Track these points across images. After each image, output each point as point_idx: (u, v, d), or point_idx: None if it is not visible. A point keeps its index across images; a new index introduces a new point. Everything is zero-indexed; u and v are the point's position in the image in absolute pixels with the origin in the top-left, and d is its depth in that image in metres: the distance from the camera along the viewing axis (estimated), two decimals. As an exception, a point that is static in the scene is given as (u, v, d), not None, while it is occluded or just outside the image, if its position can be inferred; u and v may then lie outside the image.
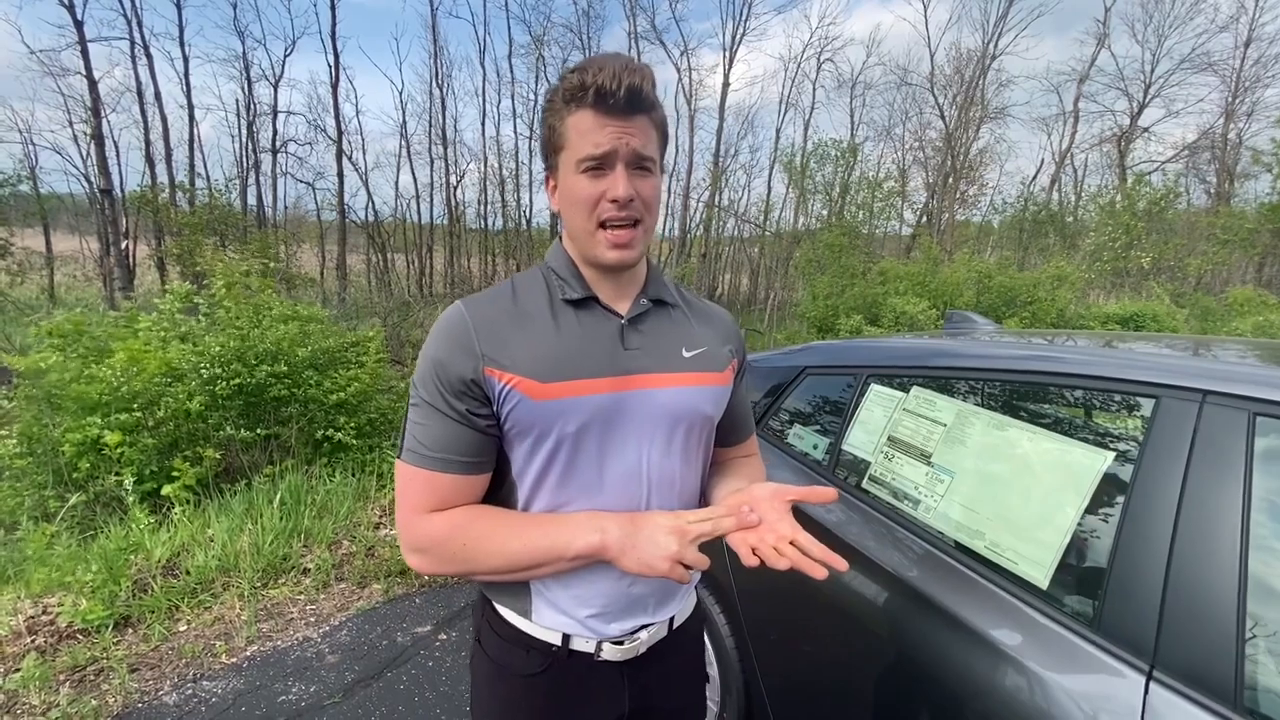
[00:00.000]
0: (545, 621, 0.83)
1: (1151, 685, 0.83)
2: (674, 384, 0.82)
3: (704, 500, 0.93)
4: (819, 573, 0.67)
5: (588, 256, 0.79)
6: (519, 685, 0.85)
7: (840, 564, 0.69)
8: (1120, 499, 0.96)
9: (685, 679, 0.97)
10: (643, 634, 0.86)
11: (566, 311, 0.80)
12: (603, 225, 0.75)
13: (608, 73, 0.69)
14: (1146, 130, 21.72)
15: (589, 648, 0.83)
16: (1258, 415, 0.87)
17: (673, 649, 0.92)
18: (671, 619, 0.91)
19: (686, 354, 0.85)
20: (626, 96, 0.70)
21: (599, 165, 0.72)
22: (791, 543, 0.69)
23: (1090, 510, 0.99)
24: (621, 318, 0.82)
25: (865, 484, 1.38)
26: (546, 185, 0.82)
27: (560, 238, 0.86)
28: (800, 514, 1.45)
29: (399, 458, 0.78)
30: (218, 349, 3.73)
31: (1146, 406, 1.00)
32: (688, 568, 0.72)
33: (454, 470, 0.76)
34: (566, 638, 0.83)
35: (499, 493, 0.82)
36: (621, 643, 0.85)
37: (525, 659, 0.84)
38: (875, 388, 1.48)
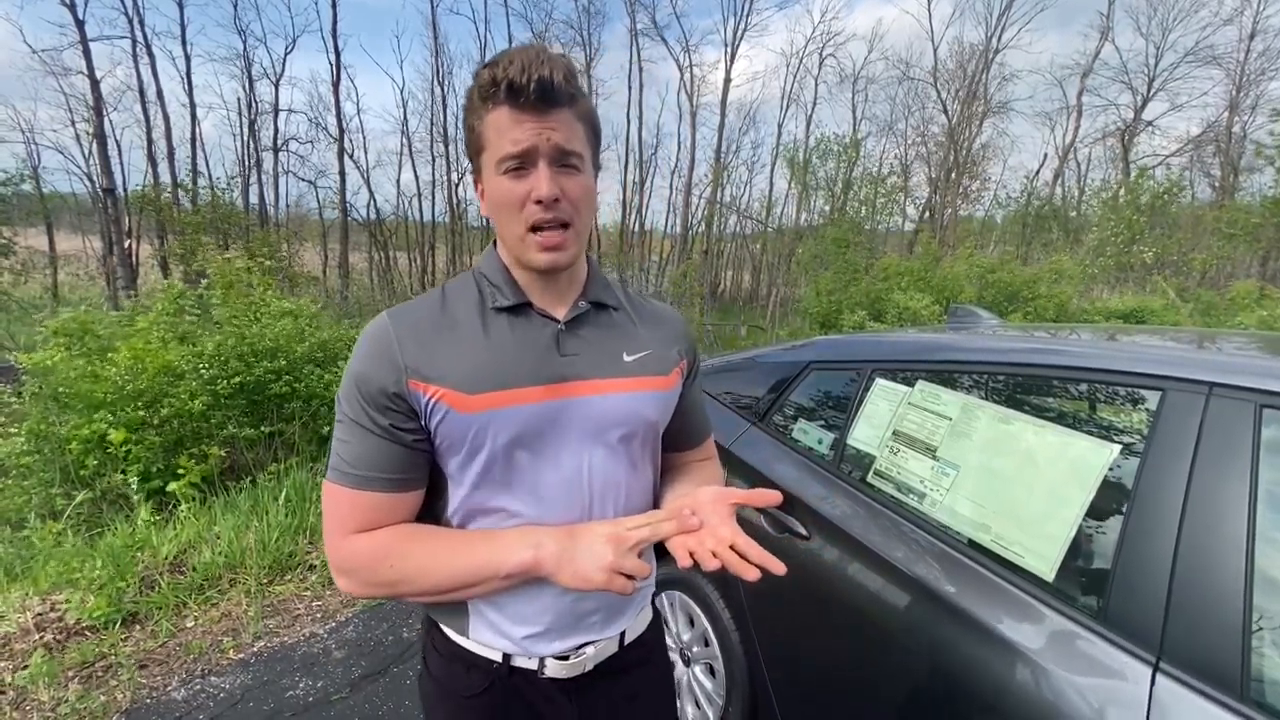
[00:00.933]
0: (483, 639, 0.80)
1: (1158, 677, 0.84)
2: (613, 390, 0.78)
3: (658, 506, 0.89)
4: (750, 574, 0.67)
5: (522, 260, 0.75)
6: (462, 706, 0.82)
7: (778, 568, 0.67)
8: (1126, 492, 0.96)
9: (641, 698, 0.91)
10: (589, 649, 0.82)
11: (498, 319, 0.76)
12: (533, 229, 0.71)
13: (517, 66, 0.65)
14: (1150, 124, 21.67)
15: (531, 664, 0.80)
16: (1264, 407, 0.87)
17: (625, 666, 0.87)
18: (623, 634, 0.86)
19: (628, 358, 0.81)
20: (538, 90, 0.65)
21: (520, 165, 0.68)
22: (731, 547, 0.68)
23: (1096, 503, 0.99)
24: (558, 322, 0.78)
25: (870, 478, 1.38)
26: (476, 189, 0.77)
27: (495, 242, 0.82)
28: (806, 509, 1.46)
29: (326, 476, 0.74)
30: (212, 348, 3.74)
31: (1152, 399, 1.00)
32: (630, 577, 0.69)
33: (379, 488, 0.72)
34: (507, 656, 0.80)
35: (435, 505, 0.79)
36: (566, 658, 0.81)
37: (466, 678, 0.81)
38: (880, 382, 1.48)
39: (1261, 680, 0.77)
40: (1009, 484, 1.13)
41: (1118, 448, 1.00)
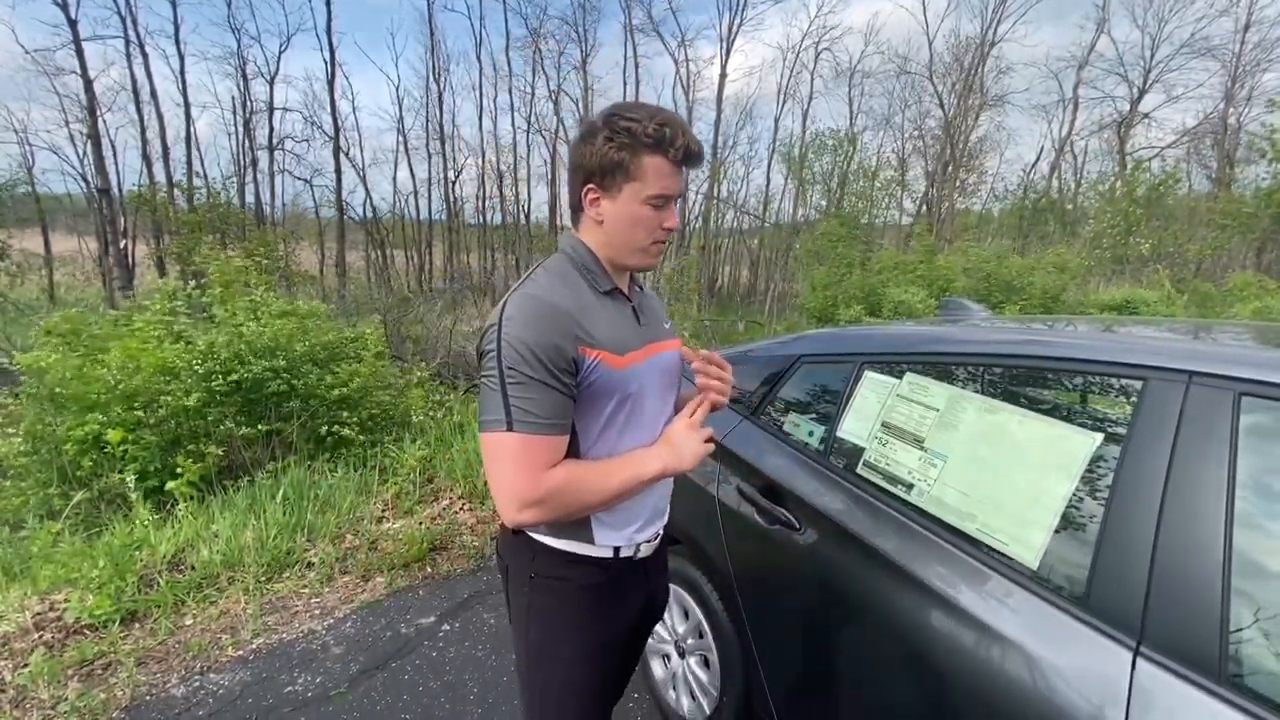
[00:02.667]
0: (606, 541, 1.06)
1: (1138, 661, 0.85)
2: (670, 348, 1.11)
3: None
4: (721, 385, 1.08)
5: (623, 260, 1.02)
6: (581, 593, 1.06)
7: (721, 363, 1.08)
8: (1109, 480, 0.97)
9: (664, 565, 1.29)
10: (659, 532, 1.16)
11: (604, 299, 1.01)
12: (652, 243, 1.00)
13: (691, 137, 0.95)
14: (1147, 116, 21.64)
15: (630, 552, 1.09)
16: (1243, 395, 0.88)
17: (660, 546, 1.21)
18: (665, 524, 1.20)
19: (666, 325, 1.16)
20: (696, 157, 0.97)
21: (663, 203, 0.96)
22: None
23: (1079, 491, 1.01)
24: (631, 302, 1.07)
25: (860, 469, 1.40)
26: (585, 197, 0.99)
27: (573, 232, 1.05)
28: (798, 501, 1.47)
29: (505, 429, 0.89)
30: (204, 345, 3.74)
31: (1134, 388, 1.01)
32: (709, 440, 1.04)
33: (561, 432, 0.93)
34: (616, 549, 1.07)
35: (571, 445, 0.99)
36: (651, 541, 1.14)
37: (585, 572, 1.06)
38: (869, 375, 1.49)
39: (1240, 663, 0.79)
40: (995, 473, 1.14)
41: (1101, 437, 1.01)
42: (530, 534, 1.06)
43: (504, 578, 1.15)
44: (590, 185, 0.98)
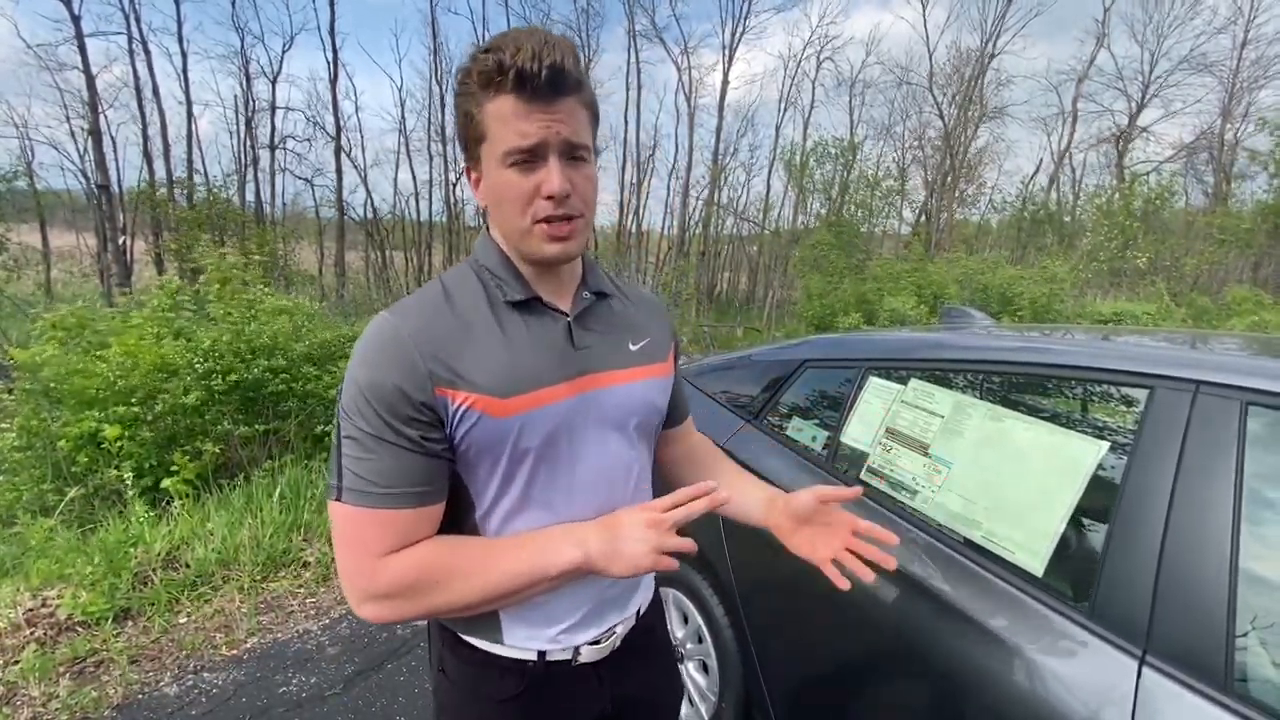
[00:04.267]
0: (517, 641, 0.78)
1: (1144, 670, 0.85)
2: (626, 379, 0.80)
3: (658, 483, 0.94)
4: (883, 561, 0.81)
5: (525, 252, 0.73)
6: (496, 709, 0.80)
7: (889, 539, 0.82)
8: (1115, 488, 0.97)
9: (657, 664, 0.96)
10: (619, 628, 0.85)
11: (510, 315, 0.74)
12: (537, 222, 0.69)
13: (526, 52, 0.61)
14: (1145, 130, 21.77)
15: (565, 656, 0.80)
16: (1250, 404, 0.89)
17: (641, 636, 0.90)
18: (639, 609, 0.90)
19: (633, 347, 0.83)
20: (550, 78, 0.63)
21: (527, 158, 0.66)
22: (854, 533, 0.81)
23: (1085, 499, 1.00)
24: (566, 315, 0.77)
25: (864, 475, 1.39)
26: (468, 177, 0.75)
27: (487, 230, 0.80)
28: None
29: (336, 499, 0.68)
30: (208, 343, 3.73)
31: (1140, 397, 1.01)
32: (673, 555, 0.71)
33: (410, 504, 0.67)
34: (542, 653, 0.79)
35: (454, 518, 0.75)
36: (599, 642, 0.82)
37: (499, 683, 0.79)
38: (873, 380, 1.49)
39: (1245, 673, 0.79)
40: (1000, 481, 1.14)
41: (1106, 445, 1.02)
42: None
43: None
44: (468, 164, 0.74)
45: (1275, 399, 0.87)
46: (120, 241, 13.63)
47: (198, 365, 3.64)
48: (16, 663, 2.15)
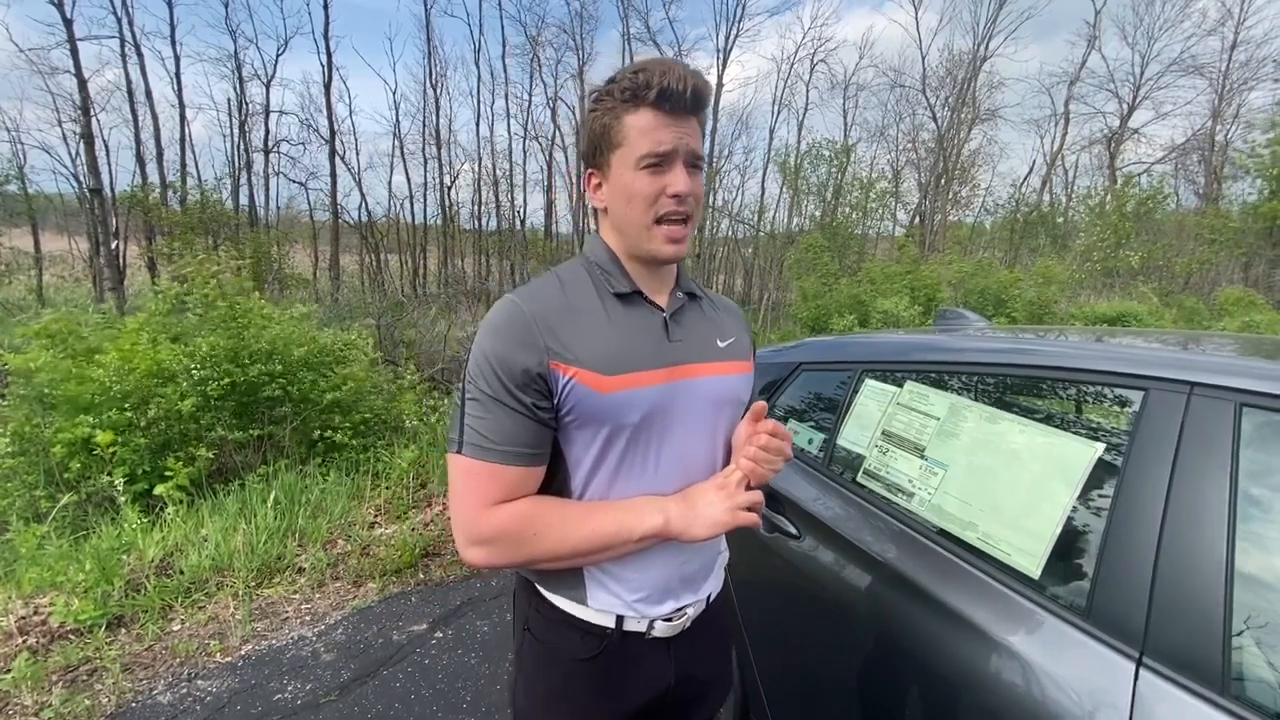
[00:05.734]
0: (599, 605, 0.85)
1: (1141, 672, 0.85)
2: (714, 373, 0.88)
3: None
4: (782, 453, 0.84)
5: (639, 251, 0.83)
6: (572, 668, 0.87)
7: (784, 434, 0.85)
8: (1110, 490, 0.98)
9: (718, 650, 1.03)
10: (690, 609, 0.92)
11: (615, 305, 0.83)
12: (659, 221, 0.79)
13: (673, 74, 0.74)
14: (1136, 132, 21.93)
15: (641, 627, 0.87)
16: (1244, 406, 0.89)
17: (709, 621, 0.97)
18: (709, 595, 0.96)
19: (720, 344, 0.92)
20: (692, 97, 0.75)
21: (659, 163, 0.76)
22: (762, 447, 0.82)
23: (1081, 501, 1.01)
24: (663, 311, 0.86)
25: (860, 478, 1.40)
26: (588, 182, 0.85)
27: (597, 233, 0.90)
28: (797, 509, 1.47)
29: (456, 451, 0.78)
30: (207, 349, 3.71)
31: (1135, 399, 1.02)
32: (750, 510, 0.81)
33: (519, 462, 0.77)
34: (619, 620, 0.86)
35: (552, 482, 0.84)
36: (671, 619, 0.89)
37: (579, 643, 0.87)
38: (869, 383, 1.50)
39: (1242, 675, 0.79)
40: (996, 483, 1.14)
41: (1102, 447, 1.02)
42: (526, 575, 0.91)
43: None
44: (590, 170, 0.84)
45: (1269, 400, 0.87)
46: (113, 245, 13.54)
47: (194, 371, 3.61)
48: (9, 671, 2.13)
